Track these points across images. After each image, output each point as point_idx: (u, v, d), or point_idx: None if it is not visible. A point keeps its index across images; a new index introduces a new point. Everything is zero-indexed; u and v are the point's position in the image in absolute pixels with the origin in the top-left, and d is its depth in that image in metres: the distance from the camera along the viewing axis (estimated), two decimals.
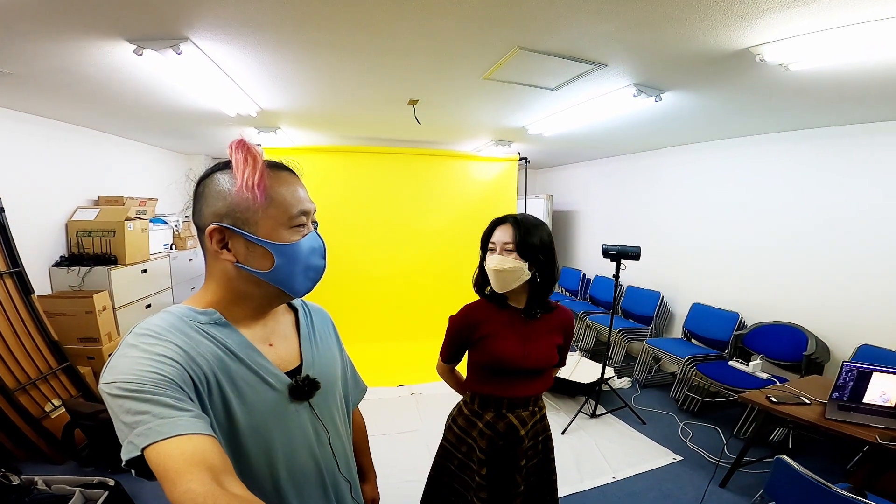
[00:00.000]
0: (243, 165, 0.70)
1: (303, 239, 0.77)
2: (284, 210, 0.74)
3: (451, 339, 1.45)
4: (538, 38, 1.81)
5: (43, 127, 3.27)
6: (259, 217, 0.72)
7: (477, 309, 1.42)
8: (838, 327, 2.96)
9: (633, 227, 4.81)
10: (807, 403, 2.20)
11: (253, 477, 0.72)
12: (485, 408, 1.41)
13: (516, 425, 1.37)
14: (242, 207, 0.72)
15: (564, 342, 1.45)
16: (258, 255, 0.74)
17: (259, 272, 0.74)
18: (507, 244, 1.32)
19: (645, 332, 4.16)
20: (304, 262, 0.77)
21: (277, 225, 0.74)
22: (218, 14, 1.61)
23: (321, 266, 0.81)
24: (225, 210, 0.72)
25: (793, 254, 3.24)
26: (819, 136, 3.06)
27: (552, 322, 1.41)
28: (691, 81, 2.26)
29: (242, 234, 0.72)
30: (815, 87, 2.21)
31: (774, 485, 1.54)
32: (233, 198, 0.72)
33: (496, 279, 1.34)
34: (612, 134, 3.80)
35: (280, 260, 0.74)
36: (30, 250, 3.08)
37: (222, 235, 0.73)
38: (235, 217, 0.72)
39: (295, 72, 2.30)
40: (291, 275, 0.76)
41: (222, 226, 0.72)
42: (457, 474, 1.44)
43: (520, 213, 1.39)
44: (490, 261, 1.34)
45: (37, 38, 1.79)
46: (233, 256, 0.74)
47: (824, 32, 1.57)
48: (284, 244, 0.74)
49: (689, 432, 3.05)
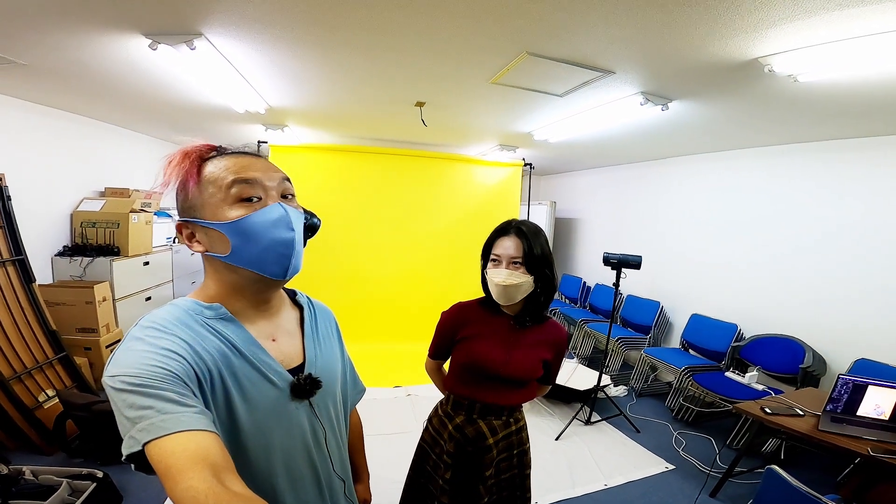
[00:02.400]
0: (167, 162, 0.72)
1: (253, 213, 0.71)
2: (218, 186, 0.72)
3: (439, 335, 1.44)
4: (547, 43, 1.83)
5: (54, 118, 3.30)
6: (202, 202, 0.72)
7: (468, 309, 1.41)
8: (836, 341, 2.97)
9: (635, 236, 4.83)
10: (801, 415, 2.21)
11: (250, 473, 0.72)
12: (457, 410, 1.39)
13: (485, 432, 1.34)
14: (189, 198, 0.73)
15: (553, 359, 1.41)
16: (216, 239, 0.72)
17: (223, 257, 0.72)
18: (514, 258, 1.27)
19: (643, 341, 4.17)
20: (263, 237, 0.71)
21: (219, 203, 0.72)
22: (232, 11, 1.64)
23: (288, 238, 0.73)
24: (180, 205, 0.75)
25: (793, 266, 3.25)
26: (821, 150, 3.08)
27: (542, 335, 1.37)
28: (699, 91, 2.28)
29: (195, 221, 0.73)
30: (822, 98, 2.23)
31: (764, 495, 1.54)
32: (182, 193, 0.74)
33: (502, 293, 1.28)
34: (618, 142, 3.82)
35: (234, 240, 0.71)
36: (34, 239, 3.10)
37: (188, 229, 0.75)
38: (187, 208, 0.74)
39: (304, 70, 2.33)
40: (254, 253, 0.72)
41: (183, 220, 0.75)
42: (431, 475, 1.42)
43: (521, 221, 1.35)
44: (496, 274, 1.28)
45: (54, 30, 1.82)
46: (202, 247, 0.74)
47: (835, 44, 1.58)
48: (230, 222, 0.71)
49: (683, 441, 3.05)
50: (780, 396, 2.51)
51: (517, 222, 1.34)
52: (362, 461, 1.14)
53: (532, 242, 1.27)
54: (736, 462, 2.46)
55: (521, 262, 1.27)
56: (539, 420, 3.27)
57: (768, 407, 2.28)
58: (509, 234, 1.32)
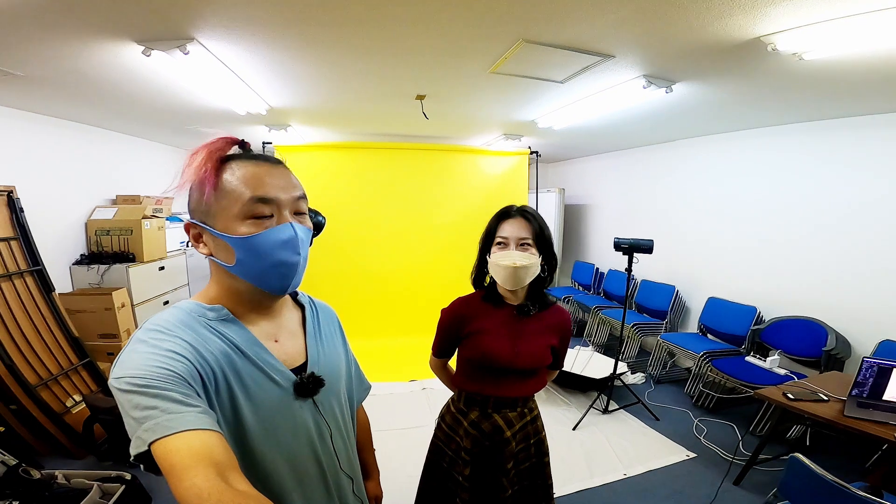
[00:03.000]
0: (188, 162, 0.71)
1: (263, 232, 0.71)
2: (234, 200, 0.70)
3: (442, 333, 1.41)
4: (542, 30, 1.78)
5: (60, 128, 3.35)
6: (215, 210, 0.71)
7: (469, 303, 1.38)
8: (860, 322, 2.86)
9: (646, 220, 4.74)
10: (825, 400, 2.14)
11: (256, 473, 0.72)
12: (470, 406, 1.37)
13: (502, 426, 1.33)
14: (203, 201, 0.72)
15: (560, 344, 1.39)
16: (222, 249, 0.72)
17: (227, 266, 0.73)
18: (523, 239, 1.26)
19: (659, 326, 4.10)
20: (269, 257, 0.71)
21: (231, 217, 0.70)
22: (221, 14, 1.62)
23: (293, 262, 0.74)
24: (194, 206, 0.74)
25: (812, 247, 3.15)
26: (837, 127, 2.96)
27: (547, 321, 1.35)
28: (702, 72, 2.20)
29: (205, 227, 0.72)
30: (831, 76, 2.14)
31: (788, 483, 1.50)
32: (197, 193, 0.73)
33: (513, 277, 1.25)
34: (624, 126, 3.73)
35: (240, 254, 0.71)
36: (52, 249, 3.17)
37: (195, 230, 0.74)
38: (201, 211, 0.73)
39: (301, 69, 2.31)
40: (258, 270, 0.72)
41: (192, 221, 0.74)
42: (448, 472, 1.41)
43: (521, 206, 1.34)
44: (505, 258, 1.25)
45: (46, 40, 1.82)
46: (207, 250, 0.75)
47: (839, 20, 1.51)
48: (240, 238, 0.70)
49: (704, 429, 3.00)
50: (803, 381, 2.43)
51: (518, 206, 1.34)
52: (371, 458, 1.14)
53: (539, 222, 1.30)
54: (759, 449, 2.40)
55: (531, 243, 1.27)
56: (555, 410, 3.25)
57: (791, 392, 2.21)
58: (513, 216, 1.31)
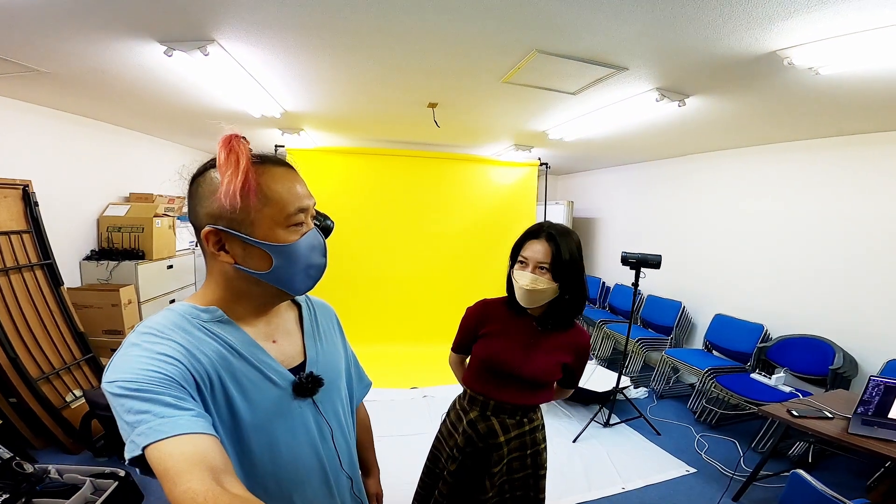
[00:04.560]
0: (224, 167, 0.65)
1: (302, 238, 0.74)
2: (281, 209, 0.71)
3: (462, 329, 1.46)
4: (557, 41, 1.81)
5: (79, 125, 3.41)
6: (254, 217, 0.69)
7: (492, 306, 1.43)
8: (868, 341, 2.84)
9: (655, 235, 4.73)
10: (829, 418, 2.12)
11: (256, 473, 0.72)
12: (472, 405, 1.40)
13: (497, 430, 1.35)
14: (238, 209, 0.68)
15: (574, 364, 1.40)
16: (256, 256, 0.71)
17: (258, 273, 0.72)
18: (541, 263, 1.27)
19: (664, 342, 4.08)
20: (304, 261, 0.75)
21: (274, 225, 0.71)
22: (242, 17, 1.67)
23: (322, 264, 0.78)
24: (219, 211, 0.69)
25: (821, 265, 3.13)
26: (848, 144, 2.96)
27: (564, 339, 1.36)
28: (717, 86, 2.22)
29: (238, 236, 0.70)
30: (846, 92, 2.14)
31: (789, 499, 1.49)
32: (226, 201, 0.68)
33: (526, 297, 1.29)
34: (635, 140, 3.75)
35: (278, 261, 0.72)
36: (63, 243, 3.21)
37: (218, 237, 0.71)
38: (230, 218, 0.69)
39: (317, 74, 2.36)
40: (292, 274, 0.74)
41: (218, 228, 0.70)
42: (445, 466, 1.44)
43: (552, 224, 1.34)
44: (521, 278, 1.29)
45: (73, 38, 1.88)
46: (231, 258, 0.72)
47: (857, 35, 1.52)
48: (283, 245, 0.71)
49: (706, 444, 2.96)
50: (809, 398, 2.41)
51: (549, 225, 1.32)
52: (371, 455, 1.14)
53: (561, 248, 1.26)
54: (761, 465, 2.38)
55: (548, 269, 1.27)
56: (556, 422, 3.23)
57: (795, 409, 2.19)
58: (539, 237, 1.30)
